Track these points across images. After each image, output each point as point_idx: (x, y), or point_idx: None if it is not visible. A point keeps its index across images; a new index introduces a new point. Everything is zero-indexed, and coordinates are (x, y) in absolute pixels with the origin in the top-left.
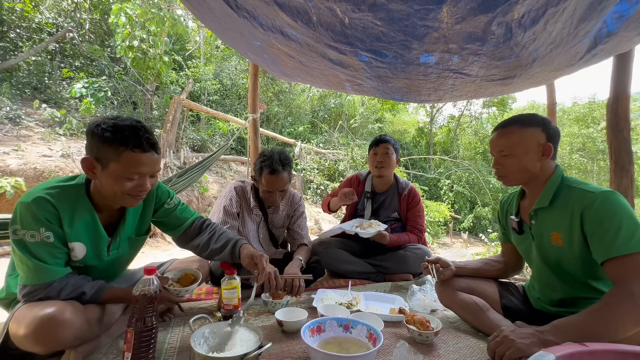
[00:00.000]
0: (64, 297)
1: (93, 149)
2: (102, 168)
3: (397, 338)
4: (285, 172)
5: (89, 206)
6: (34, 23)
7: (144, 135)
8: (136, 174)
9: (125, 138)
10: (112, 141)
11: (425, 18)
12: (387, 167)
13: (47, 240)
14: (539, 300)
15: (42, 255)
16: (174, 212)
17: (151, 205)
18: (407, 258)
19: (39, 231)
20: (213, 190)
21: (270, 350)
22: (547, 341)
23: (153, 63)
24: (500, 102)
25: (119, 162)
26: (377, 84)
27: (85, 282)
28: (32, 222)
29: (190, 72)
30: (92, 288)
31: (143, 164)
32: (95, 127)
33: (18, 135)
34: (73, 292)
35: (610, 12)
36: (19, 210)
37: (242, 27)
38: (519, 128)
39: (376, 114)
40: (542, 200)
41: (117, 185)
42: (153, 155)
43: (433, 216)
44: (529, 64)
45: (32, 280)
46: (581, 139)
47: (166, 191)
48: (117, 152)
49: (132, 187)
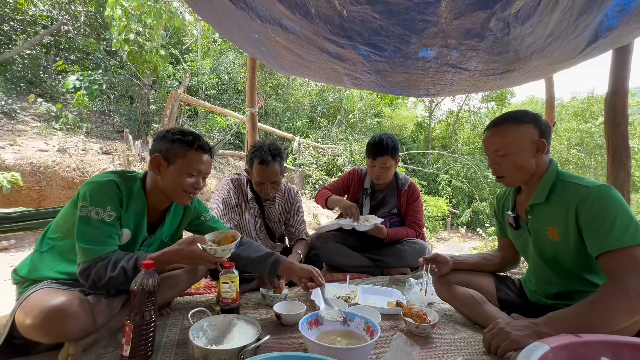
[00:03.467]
0: (120, 268)
1: (162, 149)
2: (168, 165)
3: (395, 330)
4: (275, 163)
5: (143, 200)
6: (28, 16)
7: (204, 141)
8: (196, 170)
9: (191, 141)
10: (182, 142)
11: (423, 12)
12: (385, 178)
13: (108, 219)
14: (535, 293)
15: (101, 231)
16: (207, 222)
17: (188, 217)
18: (405, 252)
19: (104, 209)
20: (211, 185)
21: (268, 342)
22: (542, 333)
23: (150, 57)
24: (499, 96)
25: (185, 158)
26: (375, 78)
27: (122, 256)
28: (102, 199)
29: (188, 66)
30: (128, 262)
31: (203, 162)
32: (166, 133)
33: (14, 130)
34: (116, 269)
35: (611, 5)
36: (89, 188)
37: (240, 19)
38: (513, 126)
39: (375, 109)
40: (538, 195)
41: (178, 179)
42: (209, 159)
43: (431, 211)
44: (527, 57)
45: (89, 256)
46: (579, 133)
47: (204, 207)
48: (184, 151)
49: (189, 184)
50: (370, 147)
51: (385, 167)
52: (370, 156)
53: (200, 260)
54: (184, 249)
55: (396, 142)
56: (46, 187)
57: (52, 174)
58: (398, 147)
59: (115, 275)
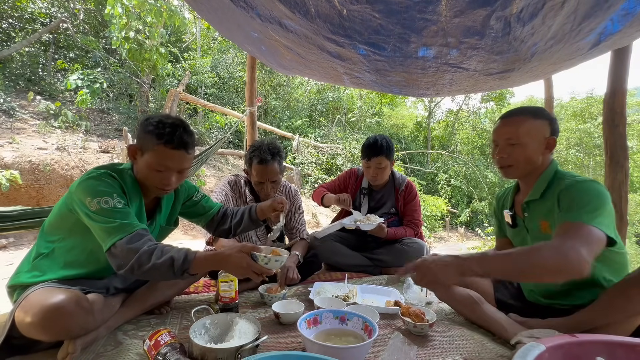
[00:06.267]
0: (168, 257)
1: (140, 137)
2: (141, 155)
3: (392, 330)
4: (275, 162)
5: (138, 190)
6: (26, 13)
7: (180, 134)
8: (163, 166)
9: (162, 133)
10: (152, 133)
11: (423, 11)
12: (381, 178)
13: (119, 205)
14: (532, 292)
15: (120, 215)
16: (200, 202)
17: (180, 198)
18: (403, 252)
19: (112, 197)
20: (210, 184)
21: (267, 341)
22: (466, 270)
23: (149, 55)
24: (498, 96)
25: (153, 151)
26: (375, 77)
27: (170, 247)
28: (105, 189)
29: (187, 64)
30: (179, 253)
31: (170, 158)
32: (145, 120)
33: (12, 128)
34: (163, 257)
35: (618, 9)
36: (87, 184)
37: (240, 17)
38: (529, 118)
39: (374, 108)
40: (534, 192)
41: (147, 172)
42: (183, 154)
43: (430, 210)
44: (527, 58)
45: (122, 231)
46: (578, 134)
47: (192, 186)
48: (153, 144)
49: (158, 180)
50: (365, 148)
51: (381, 167)
52: (365, 157)
53: (248, 269)
54: (234, 255)
55: (391, 143)
56: (45, 186)
57: (50, 172)
58: (393, 148)
59: (160, 264)
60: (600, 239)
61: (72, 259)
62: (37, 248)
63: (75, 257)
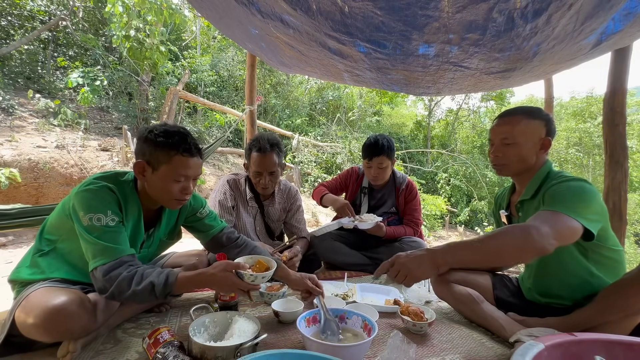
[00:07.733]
0: (147, 283)
1: (145, 153)
2: (153, 171)
3: (392, 328)
4: (273, 153)
5: (137, 202)
6: (25, 10)
7: (192, 141)
8: (183, 176)
9: (176, 143)
10: (164, 145)
11: (425, 7)
12: (382, 178)
13: (111, 224)
14: (530, 291)
15: (108, 237)
16: (203, 219)
17: (184, 213)
18: (403, 251)
19: (105, 214)
20: (210, 183)
21: (266, 340)
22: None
23: (150, 53)
24: (498, 96)
25: (170, 164)
26: (376, 75)
27: (151, 270)
28: (99, 206)
29: (187, 62)
30: (159, 277)
31: (190, 167)
32: (148, 133)
33: (11, 126)
34: (142, 283)
35: (620, 9)
36: (82, 197)
37: (240, 14)
38: (525, 118)
39: (374, 107)
40: (527, 192)
41: (165, 186)
42: (198, 160)
43: (430, 209)
44: (529, 57)
45: (108, 256)
46: (578, 133)
47: (200, 201)
48: (168, 156)
49: (178, 190)
50: (366, 148)
51: (382, 167)
52: (366, 157)
53: (234, 287)
54: (217, 275)
55: (392, 143)
56: (44, 184)
57: (50, 170)
58: (394, 147)
59: (140, 290)
60: (572, 227)
61: (72, 259)
62: (39, 244)
63: (75, 258)
